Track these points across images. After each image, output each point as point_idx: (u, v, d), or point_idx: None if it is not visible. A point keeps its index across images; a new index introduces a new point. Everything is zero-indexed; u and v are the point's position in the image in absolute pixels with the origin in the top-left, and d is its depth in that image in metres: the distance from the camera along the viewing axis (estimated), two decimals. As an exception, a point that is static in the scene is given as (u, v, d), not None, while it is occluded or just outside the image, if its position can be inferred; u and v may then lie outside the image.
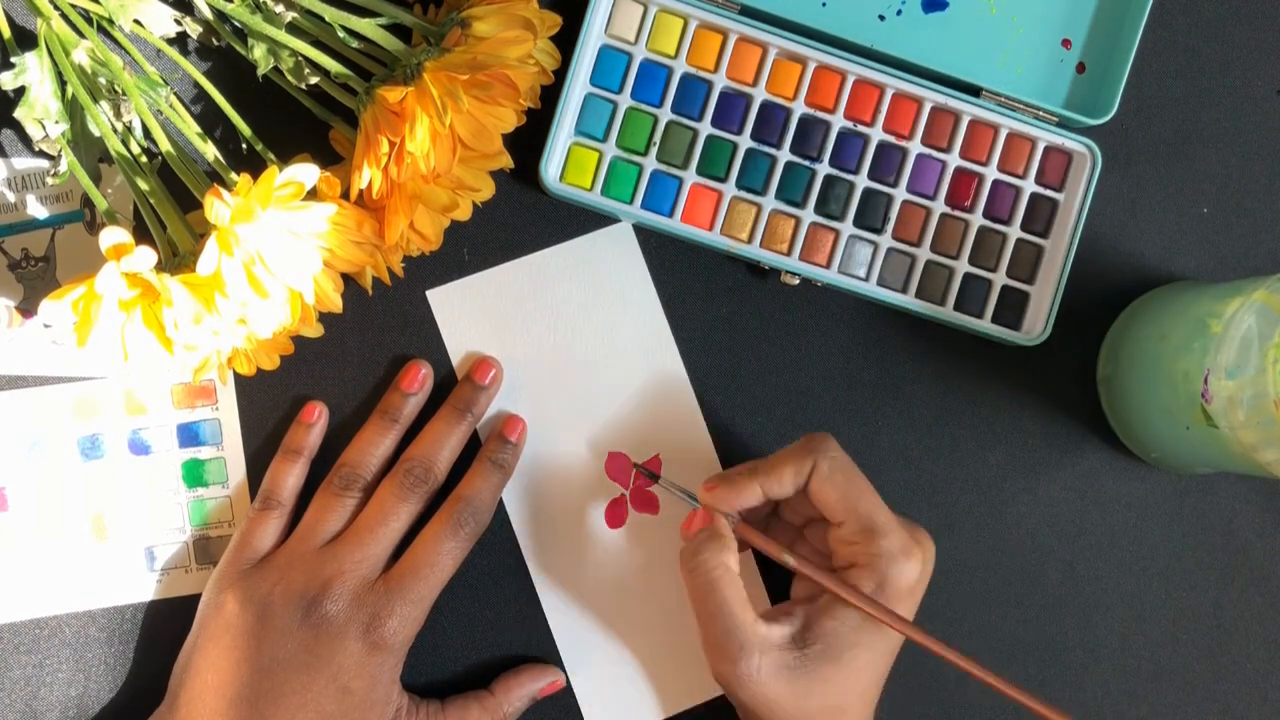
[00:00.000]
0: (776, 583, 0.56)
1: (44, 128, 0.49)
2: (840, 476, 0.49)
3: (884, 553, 0.49)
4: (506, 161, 0.51)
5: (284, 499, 0.53)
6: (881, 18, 0.57)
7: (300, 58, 0.49)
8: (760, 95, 0.56)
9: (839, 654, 0.48)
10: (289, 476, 0.54)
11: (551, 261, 0.56)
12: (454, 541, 0.52)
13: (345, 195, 0.48)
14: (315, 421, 0.54)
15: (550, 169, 0.55)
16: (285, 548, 0.52)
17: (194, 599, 0.54)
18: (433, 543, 0.52)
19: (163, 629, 0.54)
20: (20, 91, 0.48)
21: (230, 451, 0.55)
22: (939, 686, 0.57)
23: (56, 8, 0.48)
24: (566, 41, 0.53)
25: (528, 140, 0.55)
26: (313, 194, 0.46)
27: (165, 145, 0.48)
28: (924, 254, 0.56)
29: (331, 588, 0.50)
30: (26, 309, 0.54)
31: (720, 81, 0.56)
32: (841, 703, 0.49)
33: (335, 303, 0.49)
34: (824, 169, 0.56)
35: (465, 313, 0.56)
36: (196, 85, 0.51)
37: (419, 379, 0.54)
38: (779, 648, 0.48)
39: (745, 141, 0.56)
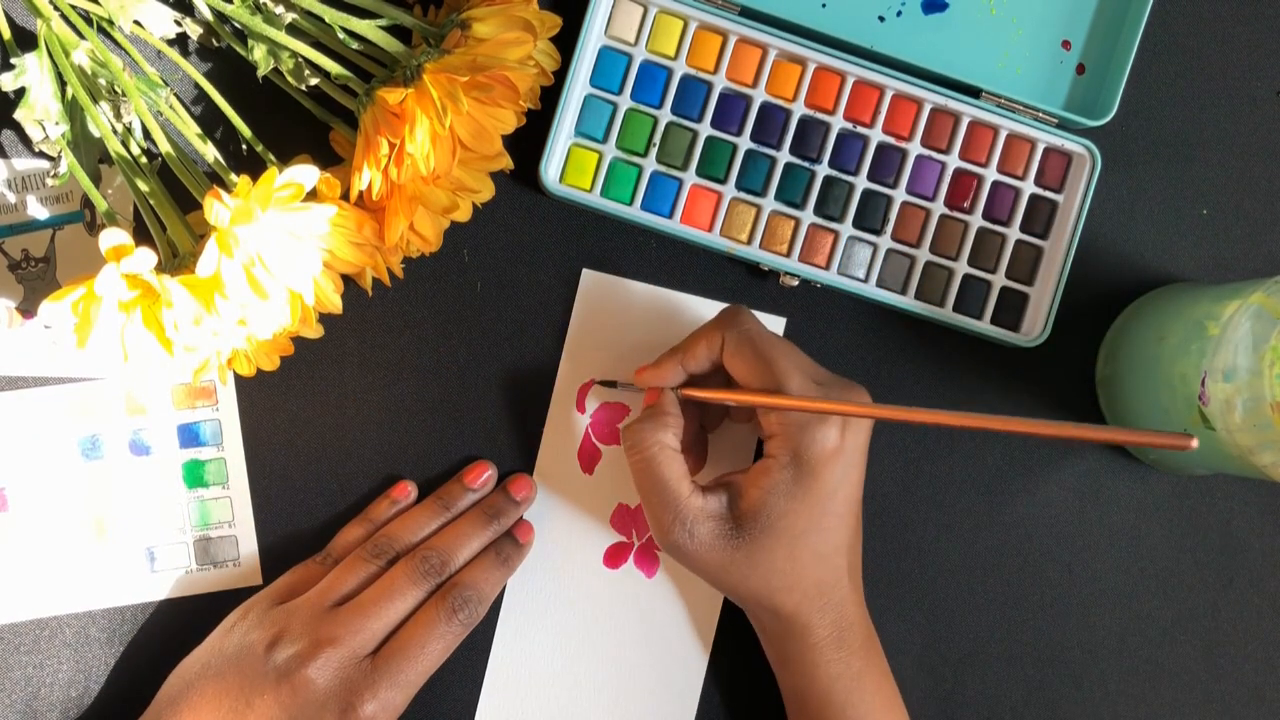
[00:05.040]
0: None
1: (44, 129, 0.49)
2: (747, 349, 0.50)
3: (794, 419, 0.49)
4: (506, 163, 0.51)
5: (341, 558, 0.54)
6: (881, 19, 0.57)
7: (300, 59, 0.49)
8: (760, 96, 0.56)
9: (773, 526, 0.49)
10: (356, 543, 0.54)
11: (701, 308, 0.57)
12: (447, 627, 0.51)
13: (345, 196, 0.48)
14: (402, 502, 0.55)
15: (550, 170, 0.55)
16: (304, 597, 0.51)
17: (195, 600, 0.55)
18: (425, 627, 0.51)
19: (163, 630, 0.54)
20: (20, 93, 0.48)
21: (231, 452, 0.55)
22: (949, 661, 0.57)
23: (56, 9, 0.48)
24: (566, 43, 0.54)
25: (527, 141, 0.55)
26: (312, 195, 0.46)
27: (165, 146, 0.48)
28: (923, 255, 0.56)
29: (320, 653, 0.49)
30: (26, 310, 0.54)
31: (720, 83, 0.56)
32: (789, 568, 0.49)
33: (335, 304, 0.49)
34: (823, 170, 0.56)
35: (602, 303, 0.56)
36: (196, 86, 0.51)
37: (482, 478, 0.55)
38: (714, 517, 0.49)
39: (745, 143, 0.56)
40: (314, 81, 0.50)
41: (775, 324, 0.57)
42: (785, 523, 0.49)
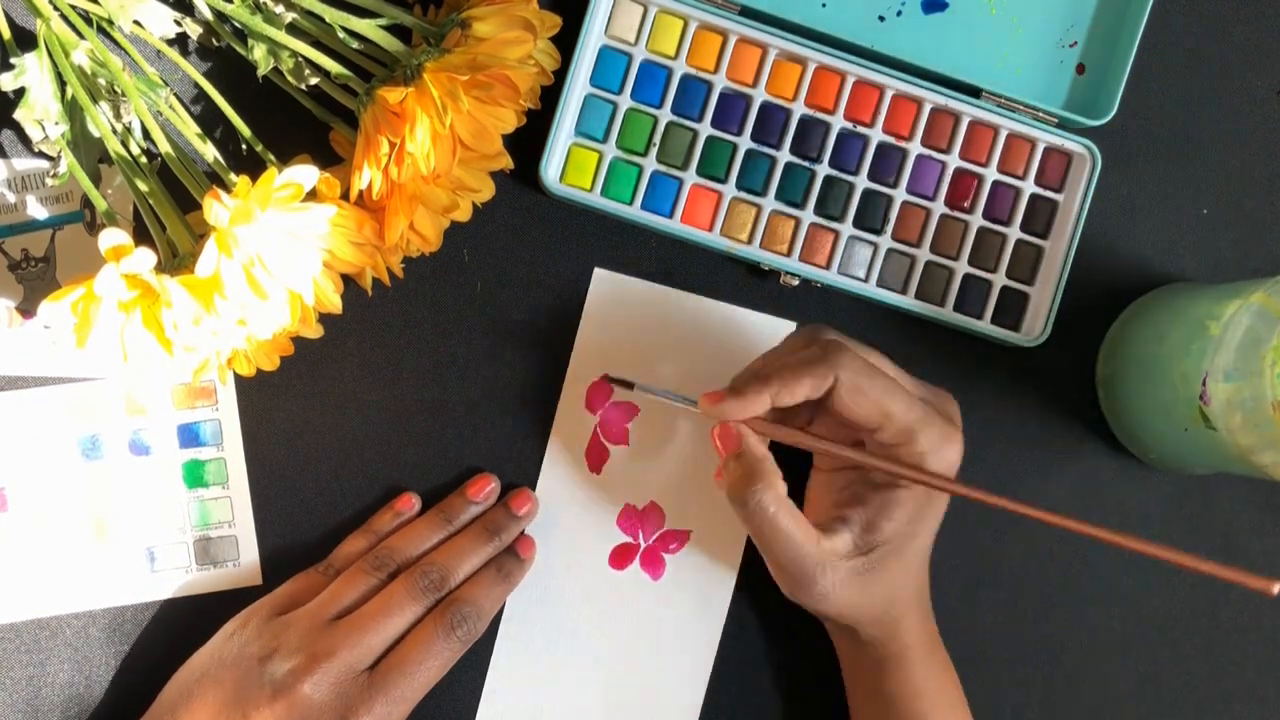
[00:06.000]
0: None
1: (44, 129, 0.49)
2: (866, 385, 0.48)
3: (928, 450, 0.49)
4: (506, 162, 0.51)
5: (343, 570, 0.53)
6: (881, 18, 0.57)
7: (300, 58, 0.49)
8: (760, 96, 0.56)
9: (901, 548, 0.50)
10: (358, 554, 0.54)
11: (717, 314, 0.56)
12: (445, 644, 0.50)
13: (345, 196, 0.48)
14: (405, 514, 0.55)
15: (550, 170, 0.55)
16: (304, 609, 0.51)
17: (195, 600, 0.55)
18: (424, 642, 0.50)
19: (163, 630, 0.54)
20: (20, 92, 0.48)
21: (231, 452, 0.55)
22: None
23: (56, 9, 0.48)
24: (566, 42, 0.53)
25: (528, 141, 0.55)
26: (312, 195, 0.46)
27: (165, 146, 0.48)
28: (924, 255, 0.56)
29: (317, 667, 0.48)
30: (26, 310, 0.54)
31: (720, 82, 0.56)
32: (905, 581, 0.51)
33: (335, 304, 0.49)
34: (824, 170, 0.56)
35: (614, 304, 0.56)
36: (196, 86, 0.51)
37: (485, 491, 0.55)
38: (845, 558, 0.49)
39: (745, 142, 0.56)
40: (314, 81, 0.50)
41: (778, 325, 0.57)
42: (913, 543, 0.50)
